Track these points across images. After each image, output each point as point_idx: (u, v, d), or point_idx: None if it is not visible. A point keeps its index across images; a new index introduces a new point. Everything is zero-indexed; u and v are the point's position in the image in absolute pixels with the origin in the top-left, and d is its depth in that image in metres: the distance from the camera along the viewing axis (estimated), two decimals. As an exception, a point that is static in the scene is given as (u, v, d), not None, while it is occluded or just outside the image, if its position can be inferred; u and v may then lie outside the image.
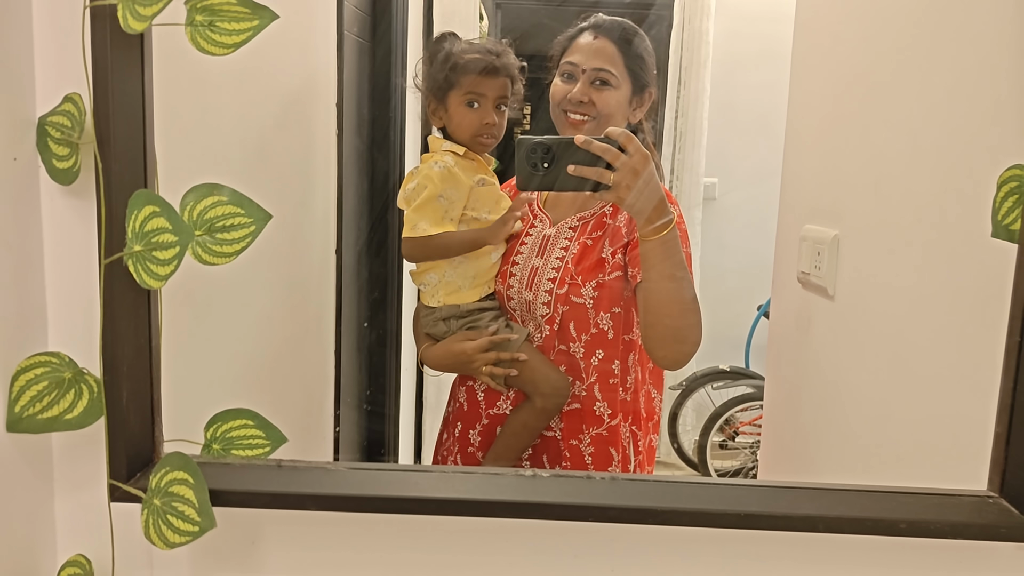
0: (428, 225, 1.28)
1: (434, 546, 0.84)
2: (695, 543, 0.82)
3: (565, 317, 1.28)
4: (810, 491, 0.77)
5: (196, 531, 0.73)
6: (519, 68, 1.32)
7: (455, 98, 1.30)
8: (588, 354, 1.29)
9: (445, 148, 1.31)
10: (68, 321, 0.80)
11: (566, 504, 0.77)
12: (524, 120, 1.49)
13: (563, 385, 1.29)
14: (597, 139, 1.06)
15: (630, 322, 1.29)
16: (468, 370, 1.34)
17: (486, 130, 1.31)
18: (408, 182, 1.31)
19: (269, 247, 1.25)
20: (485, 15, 2.28)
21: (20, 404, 0.74)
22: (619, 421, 1.31)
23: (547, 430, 1.33)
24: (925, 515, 0.75)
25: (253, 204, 0.75)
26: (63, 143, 0.75)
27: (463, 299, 1.33)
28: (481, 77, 1.29)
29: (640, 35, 1.28)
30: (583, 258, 1.28)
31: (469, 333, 1.32)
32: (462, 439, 1.38)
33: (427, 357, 1.38)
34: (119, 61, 0.71)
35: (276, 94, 1.32)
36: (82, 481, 0.82)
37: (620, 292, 1.27)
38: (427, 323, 1.36)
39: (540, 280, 1.29)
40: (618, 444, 1.31)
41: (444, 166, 1.29)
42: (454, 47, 1.31)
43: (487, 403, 1.35)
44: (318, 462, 0.79)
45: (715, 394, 2.93)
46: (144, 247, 0.71)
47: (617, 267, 1.26)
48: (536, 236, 1.34)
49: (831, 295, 1.25)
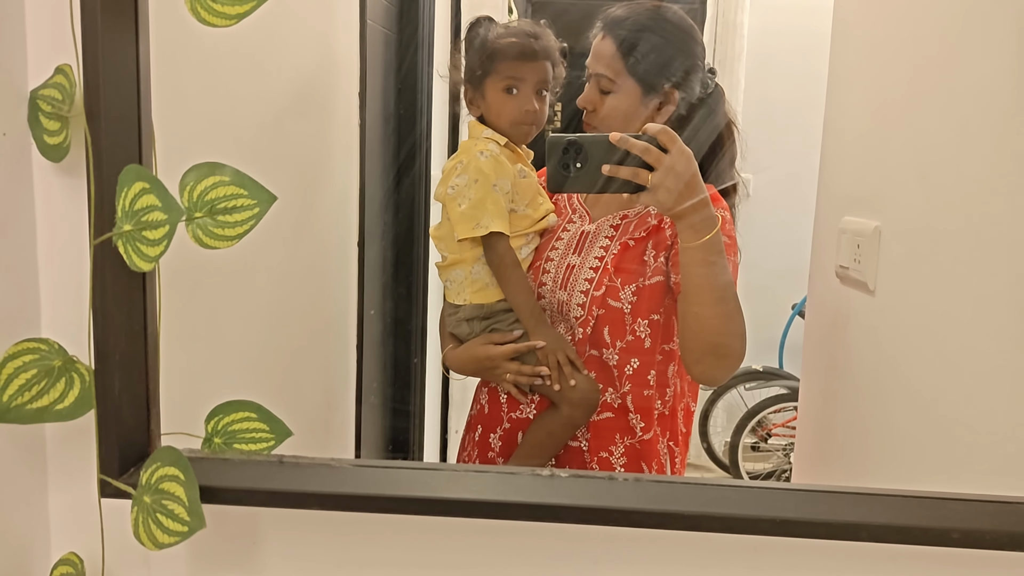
0: (493, 220, 1.20)
1: (444, 549, 0.80)
2: (725, 550, 0.77)
3: (600, 321, 1.21)
4: (852, 496, 0.71)
5: (185, 531, 0.68)
6: (560, 50, 1.25)
7: (492, 85, 1.23)
8: (622, 362, 1.22)
9: (487, 136, 1.25)
10: (60, 306, 0.77)
11: (586, 507, 0.72)
12: (555, 117, 1.43)
13: (592, 393, 1.23)
14: (635, 137, 0.99)
15: (670, 331, 1.22)
16: (491, 376, 1.28)
17: (526, 117, 1.24)
18: (452, 176, 1.24)
19: (284, 237, 1.22)
20: (515, 9, 2.24)
21: (8, 393, 0.70)
22: (654, 435, 1.24)
23: (572, 440, 1.26)
24: (980, 524, 0.69)
25: (256, 185, 0.71)
26: (54, 117, 0.71)
27: (490, 297, 1.27)
28: (519, 62, 1.22)
29: (652, 29, 1.20)
30: (624, 259, 1.21)
31: (492, 336, 1.26)
32: (482, 443, 1.33)
33: (450, 359, 1.32)
34: (110, 29, 0.67)
35: (294, 82, 1.29)
36: (76, 476, 0.79)
37: (661, 298, 1.20)
38: (451, 322, 1.31)
39: (576, 280, 1.23)
40: (652, 459, 1.25)
41: (490, 154, 1.22)
42: (489, 32, 1.24)
43: (510, 406, 1.30)
44: (321, 459, 0.75)
45: (747, 395, 2.88)
46: (134, 226, 0.67)
47: (659, 271, 1.20)
48: (574, 232, 1.28)
49: (871, 290, 1.19)
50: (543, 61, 1.23)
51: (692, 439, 1.35)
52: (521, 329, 1.25)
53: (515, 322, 1.26)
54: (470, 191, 1.21)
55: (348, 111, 1.57)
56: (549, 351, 1.21)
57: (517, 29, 1.24)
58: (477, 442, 1.34)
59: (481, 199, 1.20)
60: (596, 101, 1.21)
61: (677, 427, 1.28)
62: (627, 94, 1.19)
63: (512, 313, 1.27)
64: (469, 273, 1.27)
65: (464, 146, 1.28)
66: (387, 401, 1.94)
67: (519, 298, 1.24)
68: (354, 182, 1.60)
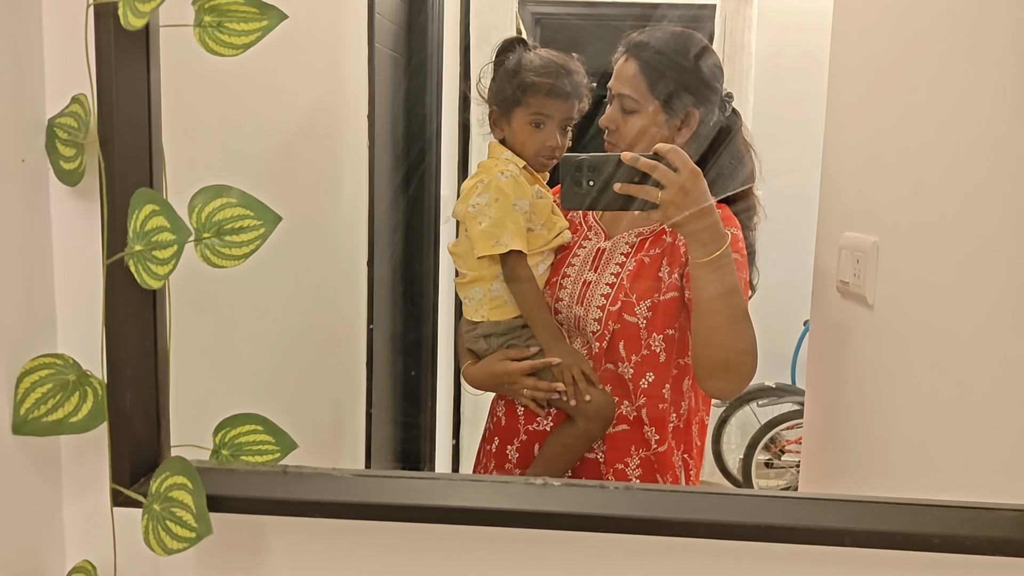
0: (513, 239, 1.23)
1: (442, 556, 0.82)
2: (713, 556, 0.78)
3: (616, 335, 1.24)
4: (835, 503, 0.72)
5: (193, 537, 0.71)
6: (588, 88, 1.28)
7: (520, 116, 1.26)
8: (637, 376, 1.24)
9: (507, 157, 1.27)
10: (75, 323, 0.80)
11: (578, 514, 0.74)
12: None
13: (608, 407, 1.25)
14: (644, 155, 1.02)
15: (685, 345, 1.24)
16: (508, 391, 1.30)
17: (549, 152, 1.27)
18: (473, 194, 1.26)
19: (294, 257, 1.26)
20: (524, 30, 2.27)
21: (25, 406, 0.74)
22: (668, 447, 1.26)
23: (589, 452, 1.28)
24: (961, 530, 0.70)
25: (262, 206, 0.74)
26: (70, 144, 0.75)
27: (507, 314, 1.29)
28: (550, 98, 1.25)
29: (674, 52, 1.23)
30: (639, 276, 1.24)
31: (510, 352, 1.29)
32: (499, 455, 1.35)
33: (468, 375, 1.35)
34: (123, 60, 0.70)
35: (303, 106, 1.33)
36: (89, 486, 0.82)
37: (676, 313, 1.22)
38: (469, 339, 1.33)
39: (592, 295, 1.25)
40: (667, 471, 1.26)
41: (511, 175, 1.25)
42: (523, 58, 1.27)
43: (527, 419, 1.32)
44: (324, 468, 0.78)
45: (760, 411, 2.86)
46: (144, 246, 0.70)
47: (673, 287, 1.22)
48: (590, 249, 1.30)
49: (870, 304, 1.20)
50: (572, 100, 1.26)
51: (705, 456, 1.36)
52: (538, 345, 1.27)
53: (532, 338, 1.28)
54: (491, 210, 1.24)
55: (357, 133, 1.60)
56: (564, 367, 1.23)
57: (552, 65, 1.26)
58: (494, 454, 1.36)
59: (501, 218, 1.23)
60: (618, 121, 1.23)
61: (692, 440, 1.29)
62: (649, 115, 1.22)
63: (529, 329, 1.29)
64: (488, 290, 1.29)
65: (484, 166, 1.31)
66: (397, 416, 1.96)
67: (535, 315, 1.27)
68: (363, 203, 1.63)
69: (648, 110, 1.22)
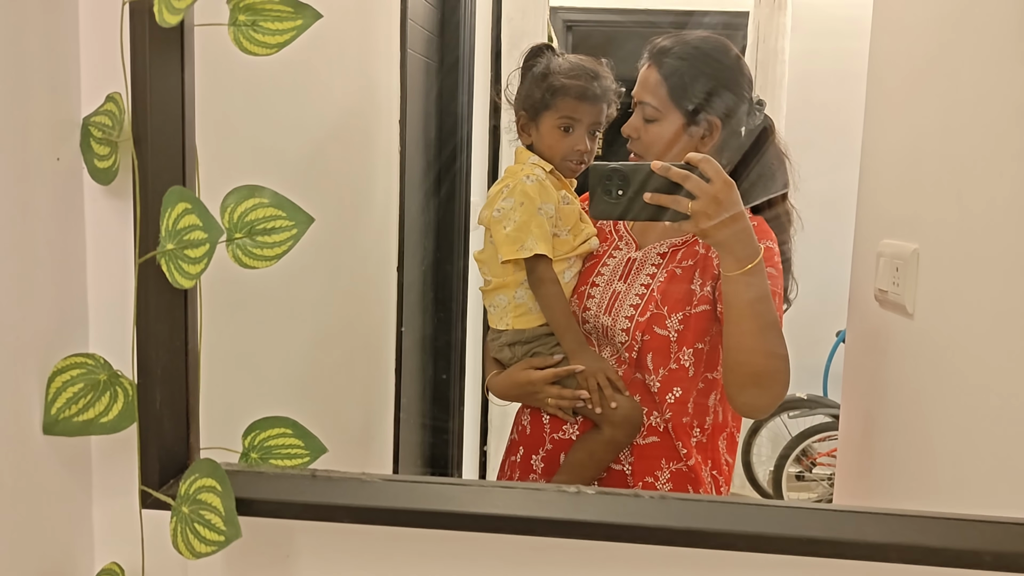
0: (538, 243, 1.22)
1: (471, 564, 0.81)
2: (751, 569, 0.76)
3: (644, 347, 1.21)
4: (879, 516, 0.70)
5: (222, 540, 0.70)
6: (616, 93, 1.27)
7: (549, 120, 1.26)
8: (664, 389, 1.22)
9: (533, 162, 1.27)
10: (107, 322, 0.79)
11: (612, 524, 0.72)
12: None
13: (635, 413, 1.22)
14: (676, 165, 1.00)
15: (715, 360, 1.22)
16: (532, 401, 1.29)
17: (577, 156, 1.26)
18: (498, 199, 1.26)
19: (325, 259, 1.25)
20: (555, 37, 2.26)
21: (56, 406, 0.73)
22: (696, 462, 1.24)
23: (616, 463, 1.26)
24: (1014, 547, 0.67)
25: (294, 207, 0.73)
26: (104, 143, 0.75)
27: (531, 322, 1.28)
28: (579, 102, 1.24)
29: (697, 60, 1.21)
30: (671, 288, 1.21)
31: (533, 361, 1.27)
32: (524, 464, 1.33)
33: (492, 385, 1.33)
34: (157, 58, 0.70)
35: (336, 110, 1.33)
36: (118, 488, 0.81)
37: (707, 327, 1.20)
38: (493, 347, 1.32)
39: (621, 306, 1.23)
40: (699, 487, 1.24)
41: (536, 179, 1.24)
42: (551, 63, 1.26)
43: (552, 427, 1.30)
44: (353, 473, 0.76)
45: (791, 423, 2.83)
46: (176, 245, 0.69)
47: (705, 300, 1.20)
48: (620, 259, 1.28)
49: (910, 313, 1.17)
50: (601, 104, 1.25)
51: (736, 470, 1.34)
52: (562, 354, 1.26)
53: (556, 346, 1.27)
54: (515, 214, 1.23)
55: (389, 138, 1.60)
56: (588, 374, 1.22)
57: (580, 68, 1.26)
58: (519, 463, 1.34)
59: (526, 222, 1.22)
60: (640, 129, 1.22)
61: (719, 455, 1.27)
62: (670, 123, 1.20)
63: (553, 337, 1.27)
64: (512, 298, 1.28)
65: (510, 171, 1.30)
66: (426, 421, 1.95)
67: (560, 321, 1.25)
68: (394, 207, 1.63)
69: (668, 118, 1.20)
